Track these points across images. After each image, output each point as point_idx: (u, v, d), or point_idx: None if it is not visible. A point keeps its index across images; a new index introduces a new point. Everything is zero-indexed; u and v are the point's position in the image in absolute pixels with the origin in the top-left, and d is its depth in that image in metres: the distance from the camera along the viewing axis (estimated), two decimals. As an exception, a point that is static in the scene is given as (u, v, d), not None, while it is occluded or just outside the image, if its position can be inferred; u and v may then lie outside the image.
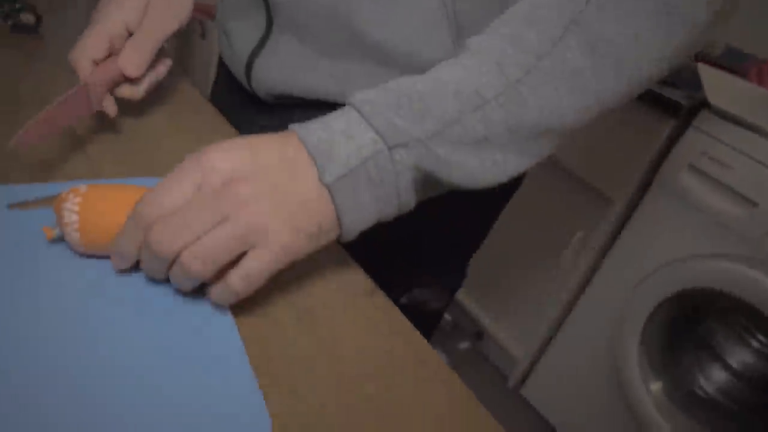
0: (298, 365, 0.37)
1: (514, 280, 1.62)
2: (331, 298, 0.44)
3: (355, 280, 0.46)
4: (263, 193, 0.37)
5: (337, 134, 0.39)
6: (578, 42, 0.41)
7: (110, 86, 0.53)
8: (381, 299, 0.45)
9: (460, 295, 1.75)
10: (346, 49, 0.55)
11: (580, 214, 1.45)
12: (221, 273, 0.37)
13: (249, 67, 0.61)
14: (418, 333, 0.43)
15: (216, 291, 0.38)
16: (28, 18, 0.64)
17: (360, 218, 0.40)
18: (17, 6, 0.63)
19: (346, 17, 0.53)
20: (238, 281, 0.37)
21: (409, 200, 0.42)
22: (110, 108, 0.53)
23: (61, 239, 0.40)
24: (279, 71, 0.59)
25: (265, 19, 0.59)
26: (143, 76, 0.55)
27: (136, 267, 0.39)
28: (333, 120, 0.40)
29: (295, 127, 0.40)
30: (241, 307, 0.39)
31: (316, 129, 0.39)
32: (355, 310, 0.43)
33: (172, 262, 0.36)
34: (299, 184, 0.38)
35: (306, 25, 0.56)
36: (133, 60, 0.53)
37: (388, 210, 0.41)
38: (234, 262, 0.37)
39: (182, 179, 0.36)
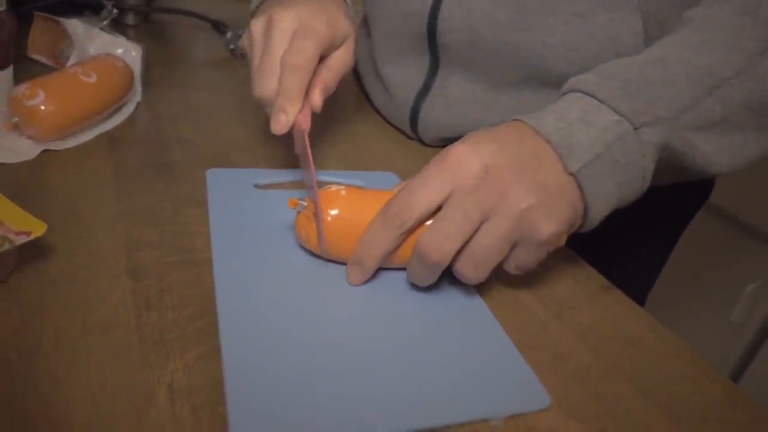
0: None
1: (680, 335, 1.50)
2: (571, 291, 0.42)
3: (590, 275, 0.44)
4: (523, 179, 0.35)
5: (575, 122, 0.37)
6: None
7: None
8: (619, 294, 0.43)
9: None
10: (526, 82, 0.52)
11: (751, 265, 1.32)
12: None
13: (415, 112, 0.58)
14: (667, 329, 0.41)
15: (475, 276, 0.36)
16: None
17: (605, 206, 0.38)
18: (239, 33, 0.69)
19: (529, 53, 0.50)
20: (514, 270, 0.37)
21: (647, 185, 0.39)
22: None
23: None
24: (449, 113, 0.56)
25: (429, 62, 0.56)
26: None
27: None
28: (563, 109, 0.38)
29: (522, 118, 0.38)
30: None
31: (547, 118, 0.38)
32: (597, 304, 0.41)
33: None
34: (548, 173, 0.36)
35: (479, 63, 0.53)
36: (320, 100, 0.46)
37: (629, 195, 0.39)
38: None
39: (430, 180, 0.35)
